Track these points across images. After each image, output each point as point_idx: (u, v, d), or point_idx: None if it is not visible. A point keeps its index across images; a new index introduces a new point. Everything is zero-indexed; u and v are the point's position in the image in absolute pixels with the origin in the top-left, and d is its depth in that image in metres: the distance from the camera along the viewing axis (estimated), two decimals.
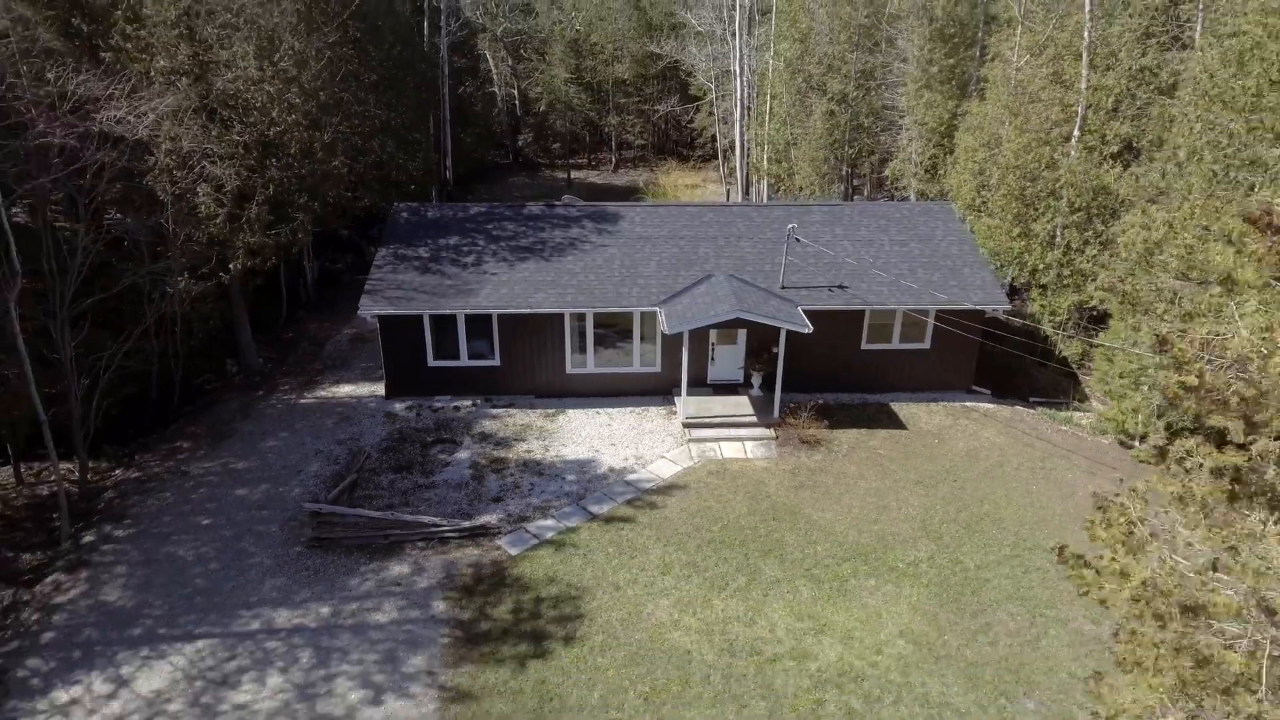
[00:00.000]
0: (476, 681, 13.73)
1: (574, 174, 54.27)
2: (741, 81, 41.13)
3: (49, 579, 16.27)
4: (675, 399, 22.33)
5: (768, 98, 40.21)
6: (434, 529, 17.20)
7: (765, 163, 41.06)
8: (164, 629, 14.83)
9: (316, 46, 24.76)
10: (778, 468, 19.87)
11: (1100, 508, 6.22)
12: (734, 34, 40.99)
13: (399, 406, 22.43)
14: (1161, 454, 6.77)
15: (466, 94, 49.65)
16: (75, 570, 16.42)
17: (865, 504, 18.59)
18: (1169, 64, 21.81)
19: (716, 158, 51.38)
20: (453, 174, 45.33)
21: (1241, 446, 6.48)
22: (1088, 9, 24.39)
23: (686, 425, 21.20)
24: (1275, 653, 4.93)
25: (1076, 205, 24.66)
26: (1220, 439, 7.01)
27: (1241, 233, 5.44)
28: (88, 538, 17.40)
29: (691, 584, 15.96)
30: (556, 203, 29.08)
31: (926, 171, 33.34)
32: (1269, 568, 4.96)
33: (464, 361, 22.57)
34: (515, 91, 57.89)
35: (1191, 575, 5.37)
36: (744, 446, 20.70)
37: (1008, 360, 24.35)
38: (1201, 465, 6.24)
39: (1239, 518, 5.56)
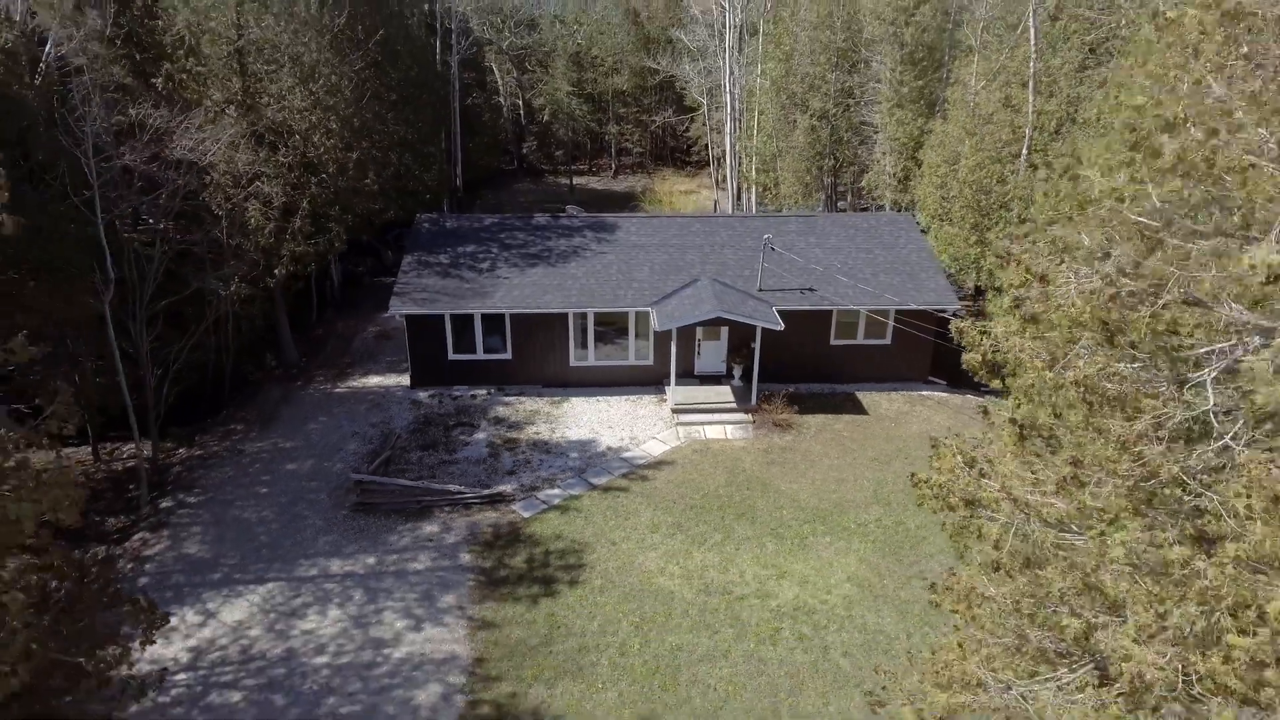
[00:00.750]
0: (498, 614, 16.82)
1: (576, 180, 57.38)
2: (731, 96, 44.11)
3: (135, 537, 19.39)
4: (665, 388, 25.40)
5: (756, 112, 43.21)
6: (459, 496, 20.31)
7: (754, 173, 44.08)
8: (239, 574, 17.95)
9: (347, 75, 27.83)
10: (753, 447, 22.93)
11: (934, 446, 9.24)
12: (725, 50, 43.96)
13: (423, 395, 25.50)
14: (985, 411, 9.83)
15: (474, 105, 52.72)
16: (158, 530, 19.55)
17: (827, 477, 21.66)
18: (1084, 98, 24.89)
19: (710, 165, 54.41)
20: (462, 181, 48.40)
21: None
22: (1033, 42, 27.48)
23: (675, 411, 24.27)
24: (1015, 524, 7.99)
25: (1023, 217, 27.69)
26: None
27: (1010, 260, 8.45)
28: (165, 504, 20.53)
29: (675, 540, 19.04)
30: (561, 213, 32.15)
31: (899, 183, 36.40)
32: (1010, 472, 8.02)
33: (480, 355, 25.64)
34: (520, 102, 60.94)
35: (971, 480, 8.39)
36: (725, 429, 23.77)
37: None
38: (1005, 417, 9.33)
39: (1013, 448, 8.63)
